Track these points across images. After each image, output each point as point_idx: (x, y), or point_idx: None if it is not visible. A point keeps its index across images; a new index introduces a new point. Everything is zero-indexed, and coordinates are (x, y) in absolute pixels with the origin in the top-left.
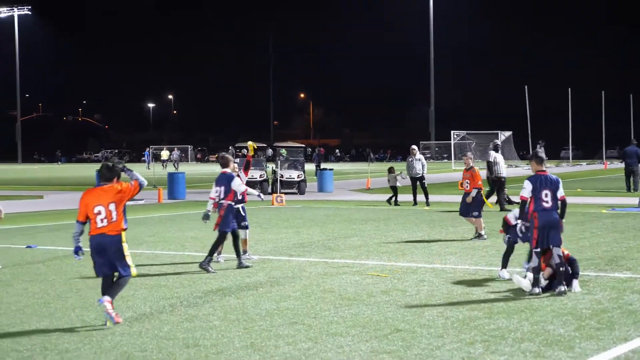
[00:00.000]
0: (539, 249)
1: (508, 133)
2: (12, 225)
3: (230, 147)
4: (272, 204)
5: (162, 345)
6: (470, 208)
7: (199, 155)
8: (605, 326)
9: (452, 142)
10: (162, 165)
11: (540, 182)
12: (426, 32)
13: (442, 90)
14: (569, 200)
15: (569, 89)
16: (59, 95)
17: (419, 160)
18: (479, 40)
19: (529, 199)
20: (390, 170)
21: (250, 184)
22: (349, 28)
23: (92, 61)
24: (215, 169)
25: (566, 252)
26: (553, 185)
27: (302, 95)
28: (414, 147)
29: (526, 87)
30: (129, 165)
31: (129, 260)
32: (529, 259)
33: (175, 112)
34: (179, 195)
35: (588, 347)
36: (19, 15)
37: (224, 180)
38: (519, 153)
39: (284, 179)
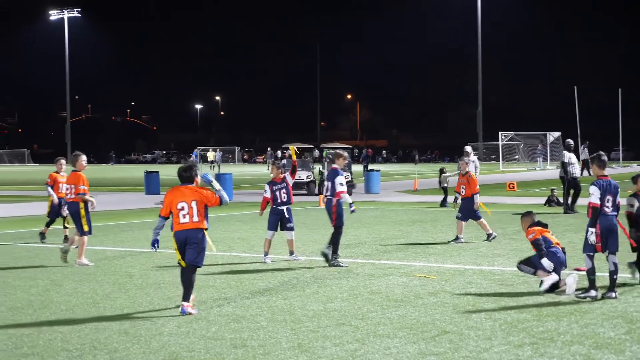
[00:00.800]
0: (592, 253)
1: (557, 134)
2: (60, 226)
3: (269, 149)
4: (319, 205)
5: (210, 345)
6: (461, 211)
7: (245, 157)
8: None
9: (500, 142)
10: (210, 166)
11: (604, 187)
12: (470, 31)
13: (486, 90)
14: (621, 201)
15: (619, 89)
16: (108, 97)
17: (473, 162)
18: (522, 37)
19: (599, 205)
20: (442, 171)
21: (297, 185)
22: (394, 28)
23: (140, 62)
24: (262, 169)
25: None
26: (615, 191)
27: (349, 96)
28: (468, 147)
29: (575, 87)
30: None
31: (202, 254)
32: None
33: (222, 113)
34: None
35: (639, 351)
36: (68, 18)
37: (332, 176)
38: None
39: None
